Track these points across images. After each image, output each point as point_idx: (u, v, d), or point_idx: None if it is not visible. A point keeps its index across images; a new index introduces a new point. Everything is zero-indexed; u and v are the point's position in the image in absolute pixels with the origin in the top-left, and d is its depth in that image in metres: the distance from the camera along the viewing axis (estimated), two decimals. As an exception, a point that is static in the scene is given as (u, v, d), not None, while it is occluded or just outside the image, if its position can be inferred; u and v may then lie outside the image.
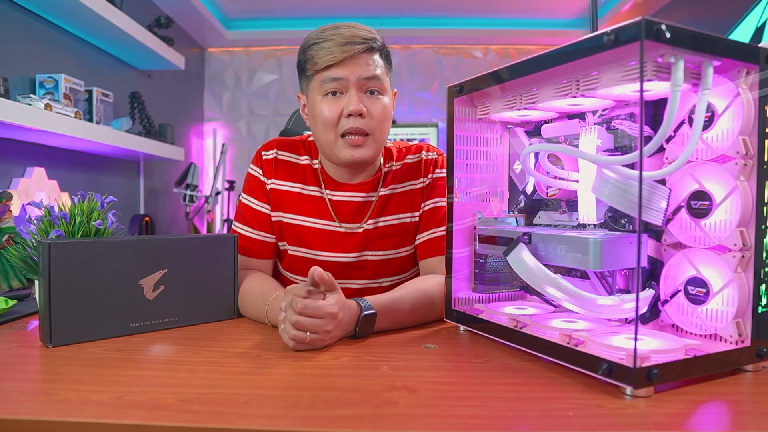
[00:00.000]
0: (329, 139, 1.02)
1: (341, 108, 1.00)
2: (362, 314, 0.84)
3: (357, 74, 0.99)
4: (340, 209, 1.11)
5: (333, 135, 1.01)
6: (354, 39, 0.98)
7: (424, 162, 1.14)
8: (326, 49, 0.98)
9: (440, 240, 1.09)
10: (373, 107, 1.01)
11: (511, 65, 0.77)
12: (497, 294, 0.97)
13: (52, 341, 0.80)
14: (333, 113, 1.00)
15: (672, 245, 0.75)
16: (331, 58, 0.98)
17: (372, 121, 1.01)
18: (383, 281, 1.15)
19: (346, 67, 0.98)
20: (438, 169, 1.14)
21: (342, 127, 1.00)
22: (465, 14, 3.82)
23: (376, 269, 1.13)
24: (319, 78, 1.00)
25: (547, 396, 0.61)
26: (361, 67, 0.99)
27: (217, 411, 0.57)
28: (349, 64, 0.98)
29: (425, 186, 1.13)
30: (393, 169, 1.13)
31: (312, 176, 1.13)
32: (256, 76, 4.14)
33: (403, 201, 1.12)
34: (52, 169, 2.15)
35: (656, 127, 0.76)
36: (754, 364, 0.68)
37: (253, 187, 1.14)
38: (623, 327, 0.76)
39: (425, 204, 1.12)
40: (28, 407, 0.58)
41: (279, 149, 1.14)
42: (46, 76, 2.00)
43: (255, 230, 1.12)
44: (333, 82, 0.99)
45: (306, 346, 0.78)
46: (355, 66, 0.99)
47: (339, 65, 0.98)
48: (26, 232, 1.07)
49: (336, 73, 0.98)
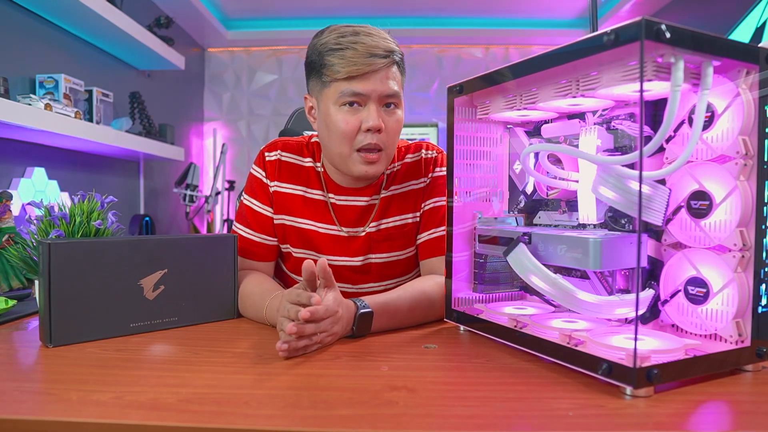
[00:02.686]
0: (344, 151, 1.00)
1: (359, 122, 0.98)
2: (359, 312, 0.84)
3: (379, 91, 0.97)
4: (344, 213, 1.11)
5: (348, 149, 1.00)
6: (377, 51, 0.95)
7: (424, 161, 1.13)
8: (348, 59, 0.95)
9: (440, 240, 1.09)
10: (390, 122, 1.00)
11: (511, 65, 0.77)
12: (497, 294, 0.97)
13: (52, 341, 0.80)
14: (351, 126, 0.98)
15: (672, 245, 0.75)
16: (354, 69, 0.95)
17: (387, 136, 1.00)
18: (388, 283, 1.14)
19: (368, 81, 0.96)
20: (438, 167, 1.13)
21: (359, 142, 0.99)
22: (465, 14, 3.82)
23: (381, 272, 1.13)
24: (337, 87, 0.97)
25: (547, 396, 0.61)
26: (383, 83, 0.97)
27: (217, 411, 0.57)
28: (372, 78, 0.96)
29: (425, 185, 1.13)
30: (394, 171, 1.13)
31: (315, 179, 1.12)
32: (256, 76, 4.14)
33: (404, 202, 1.12)
34: (52, 169, 2.15)
35: (656, 127, 0.76)
36: (754, 364, 0.68)
37: (255, 188, 1.13)
38: (623, 327, 0.76)
39: (425, 204, 1.12)
40: (28, 407, 0.58)
41: (282, 150, 1.12)
42: (46, 76, 2.00)
43: (256, 233, 1.12)
44: (353, 96, 0.97)
45: (301, 351, 0.78)
46: (377, 81, 0.96)
47: (361, 78, 0.96)
48: (26, 232, 1.07)
49: (357, 87, 0.96)
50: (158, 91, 3.21)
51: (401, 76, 1.03)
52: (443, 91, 3.97)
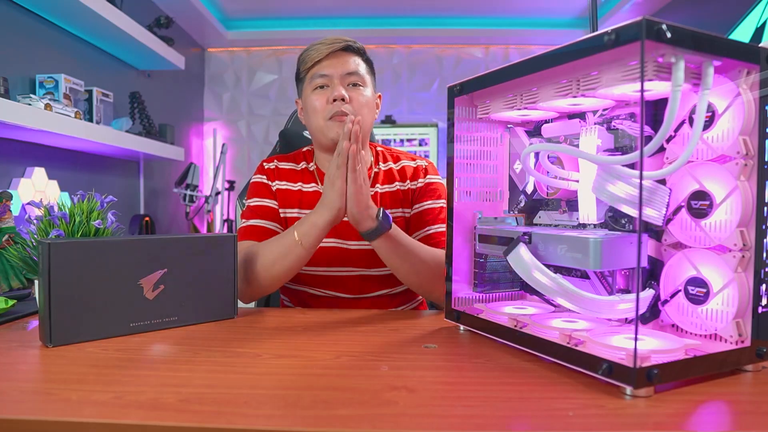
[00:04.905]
0: (319, 124, 1.16)
1: (327, 97, 1.15)
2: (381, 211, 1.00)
3: (340, 70, 1.15)
4: None
5: (322, 120, 1.16)
6: (336, 41, 1.16)
7: (414, 168, 1.26)
8: (314, 49, 1.16)
9: (431, 238, 1.17)
10: (354, 95, 1.16)
11: (511, 65, 0.77)
12: (497, 294, 0.97)
13: (52, 341, 0.80)
14: (321, 102, 1.15)
15: (672, 245, 0.75)
16: (317, 55, 1.15)
17: (353, 105, 1.14)
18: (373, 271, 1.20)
19: (330, 64, 1.15)
20: (429, 174, 1.25)
21: (329, 112, 1.14)
22: (465, 14, 3.82)
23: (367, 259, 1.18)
24: (309, 75, 1.17)
25: (547, 396, 0.61)
26: (343, 64, 1.16)
27: (217, 411, 0.57)
28: (333, 61, 1.15)
29: (417, 188, 1.23)
30: (383, 170, 1.24)
31: (309, 176, 1.24)
32: (256, 76, 4.14)
33: (392, 198, 1.22)
34: (52, 169, 2.15)
35: (656, 127, 0.76)
36: (754, 364, 0.68)
37: (259, 189, 1.23)
38: (623, 327, 0.76)
39: (418, 206, 1.21)
40: (28, 407, 0.58)
41: (279, 161, 1.26)
42: (46, 76, 2.00)
43: (266, 220, 1.19)
44: (320, 78, 1.16)
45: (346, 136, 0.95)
46: (338, 63, 1.15)
47: (324, 61, 1.15)
48: (26, 232, 1.07)
49: (322, 69, 1.15)
50: (158, 91, 3.21)
51: (367, 68, 1.20)
52: (443, 91, 3.97)
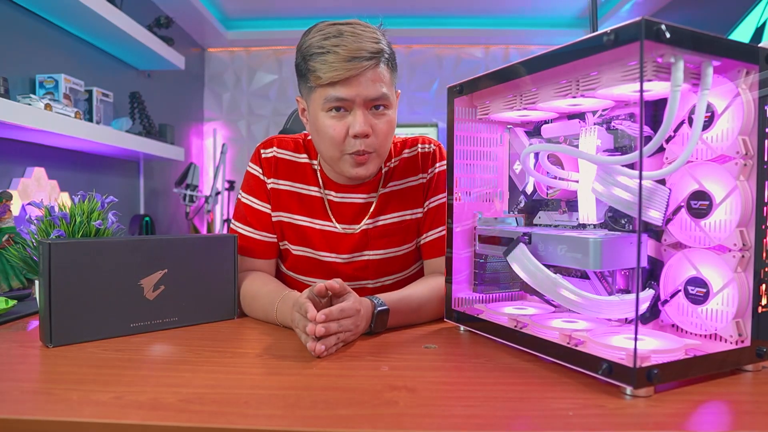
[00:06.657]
0: (334, 155, 1.00)
1: (347, 127, 0.96)
2: (376, 311, 0.87)
3: (363, 95, 0.94)
4: (341, 211, 1.11)
5: (339, 153, 0.99)
6: (360, 53, 0.91)
7: (422, 155, 1.12)
8: (330, 64, 0.91)
9: (433, 245, 1.11)
10: (379, 125, 0.98)
11: (511, 65, 0.77)
12: (497, 294, 0.97)
13: (52, 341, 0.80)
14: (338, 132, 0.96)
15: (672, 245, 0.75)
16: (335, 75, 0.92)
17: (377, 139, 0.98)
18: (385, 280, 1.14)
19: (351, 86, 0.93)
20: (438, 162, 1.12)
21: (348, 147, 0.97)
22: (465, 14, 3.82)
23: (377, 268, 1.12)
24: (322, 93, 0.95)
25: (547, 396, 0.61)
26: (367, 87, 0.93)
27: (217, 411, 0.57)
28: (355, 83, 0.93)
29: (426, 181, 1.12)
30: (392, 167, 1.12)
31: (312, 176, 1.12)
32: (256, 76, 4.14)
33: (402, 198, 1.11)
34: (52, 169, 2.15)
35: (656, 127, 0.76)
36: (754, 364, 0.68)
37: (252, 185, 1.13)
38: (623, 327, 0.76)
39: (430, 201, 1.11)
40: (28, 407, 0.58)
41: (278, 147, 1.12)
42: (46, 76, 2.00)
43: (256, 230, 1.11)
44: (338, 101, 0.94)
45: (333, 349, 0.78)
46: (360, 86, 0.93)
47: (344, 83, 0.93)
48: (26, 232, 1.07)
49: (340, 92, 0.93)
50: (158, 91, 3.21)
51: (390, 75, 0.99)
52: (443, 91, 3.97)
